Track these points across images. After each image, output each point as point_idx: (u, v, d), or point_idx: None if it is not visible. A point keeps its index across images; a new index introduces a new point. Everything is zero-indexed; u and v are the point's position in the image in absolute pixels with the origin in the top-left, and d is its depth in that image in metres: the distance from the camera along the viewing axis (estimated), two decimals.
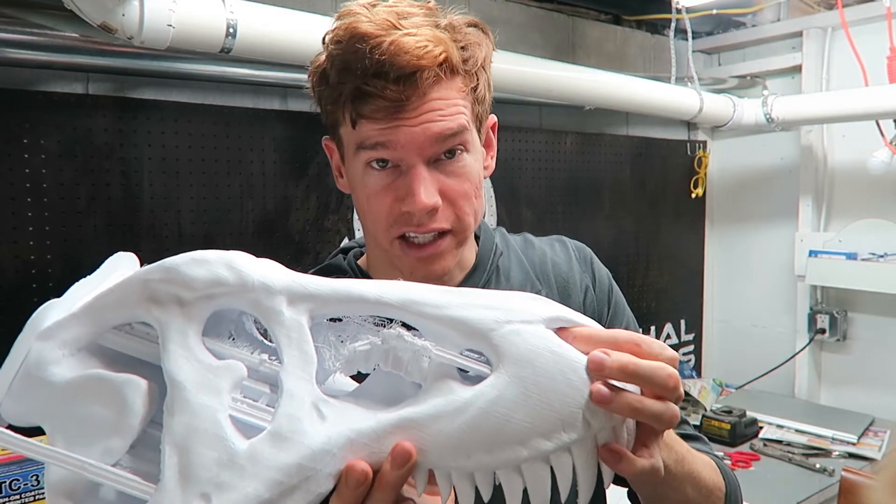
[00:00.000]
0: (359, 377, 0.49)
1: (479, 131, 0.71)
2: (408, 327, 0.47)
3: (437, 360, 0.45)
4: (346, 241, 1.69)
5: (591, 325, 0.48)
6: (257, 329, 0.48)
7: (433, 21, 0.65)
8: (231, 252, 0.45)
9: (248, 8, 1.21)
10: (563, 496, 0.45)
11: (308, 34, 1.28)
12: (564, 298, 0.81)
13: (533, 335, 0.45)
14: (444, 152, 0.66)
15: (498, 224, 1.94)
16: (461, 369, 0.46)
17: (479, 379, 0.45)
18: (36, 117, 1.25)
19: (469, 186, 0.68)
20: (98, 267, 0.48)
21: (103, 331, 0.45)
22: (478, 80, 0.68)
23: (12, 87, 1.25)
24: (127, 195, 1.35)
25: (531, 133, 2.04)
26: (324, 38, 0.67)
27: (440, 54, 0.62)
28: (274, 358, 0.45)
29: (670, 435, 0.62)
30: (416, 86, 0.62)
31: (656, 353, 0.47)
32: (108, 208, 1.33)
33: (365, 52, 0.61)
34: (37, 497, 1.16)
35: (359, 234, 1.70)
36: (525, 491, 0.45)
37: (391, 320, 0.47)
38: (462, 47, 0.66)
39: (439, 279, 0.70)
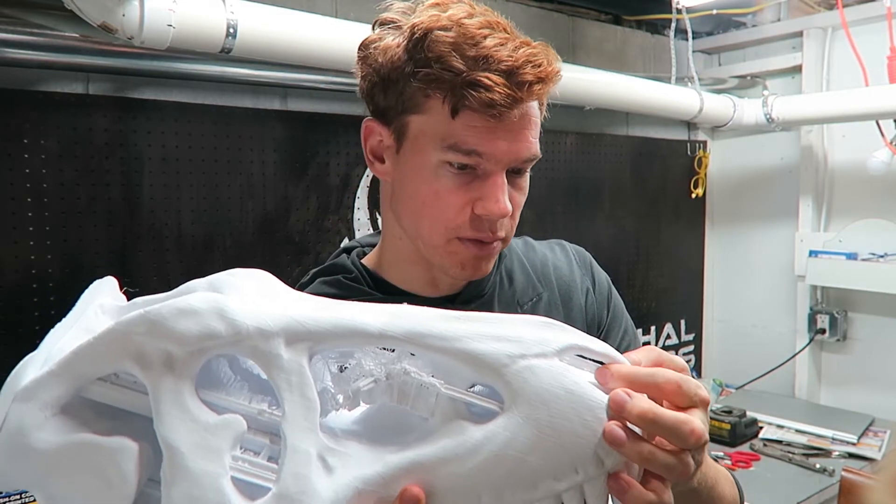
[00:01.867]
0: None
1: None
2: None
3: (446, 396, 0.44)
4: (346, 242, 1.69)
5: (625, 361, 0.47)
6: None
7: (542, 46, 0.66)
8: (219, 298, 0.42)
9: (249, 8, 1.21)
10: None
11: (308, 34, 1.28)
12: (566, 301, 0.82)
13: (547, 372, 0.43)
14: (518, 168, 0.69)
15: None
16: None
17: (489, 414, 0.44)
18: (36, 117, 1.25)
19: (523, 200, 0.72)
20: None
21: (86, 384, 0.41)
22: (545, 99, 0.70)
23: (12, 87, 1.25)
24: (127, 195, 1.35)
25: None
26: (374, 26, 0.68)
27: (557, 74, 0.65)
28: (274, 406, 0.43)
29: (704, 456, 0.61)
30: (530, 94, 0.63)
31: (692, 393, 0.45)
32: (108, 208, 1.33)
33: (489, 46, 0.62)
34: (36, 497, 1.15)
35: (359, 233, 1.69)
36: None
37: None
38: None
39: (479, 278, 0.73)
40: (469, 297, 0.77)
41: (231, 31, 1.18)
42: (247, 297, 0.43)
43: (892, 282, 2.05)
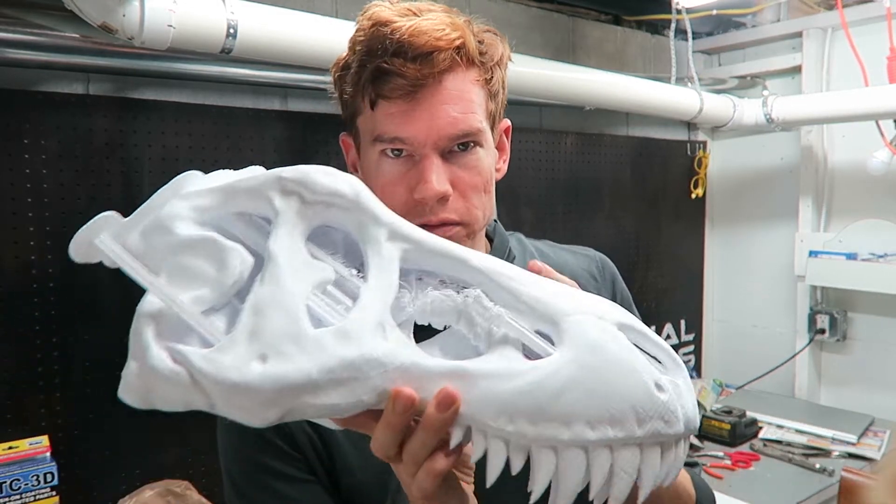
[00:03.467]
0: (425, 336, 0.51)
1: (492, 129, 0.72)
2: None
3: (506, 331, 0.47)
4: None
5: (681, 365, 0.49)
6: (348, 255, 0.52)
7: (452, 17, 0.67)
8: (357, 180, 0.50)
9: (249, 8, 1.21)
10: (593, 493, 0.44)
11: (308, 34, 1.28)
12: None
13: (602, 329, 0.46)
14: (459, 145, 0.67)
15: (497, 225, 1.94)
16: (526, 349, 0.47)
17: (538, 358, 0.46)
18: (36, 117, 1.25)
19: (479, 180, 0.69)
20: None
21: (229, 212, 0.49)
22: (493, 74, 0.69)
23: (12, 87, 1.25)
24: (127, 195, 1.35)
25: (531, 133, 2.04)
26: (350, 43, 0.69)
27: (457, 38, 0.64)
28: (362, 275, 0.48)
29: None
30: (432, 65, 0.63)
31: None
32: (108, 208, 1.32)
33: (386, 33, 0.63)
34: (37, 497, 1.16)
35: None
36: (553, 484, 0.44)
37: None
38: (479, 41, 0.68)
39: None
40: None
41: (231, 31, 1.18)
42: (370, 192, 0.51)
43: (892, 282, 2.05)
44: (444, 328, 0.50)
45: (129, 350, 0.45)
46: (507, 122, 0.78)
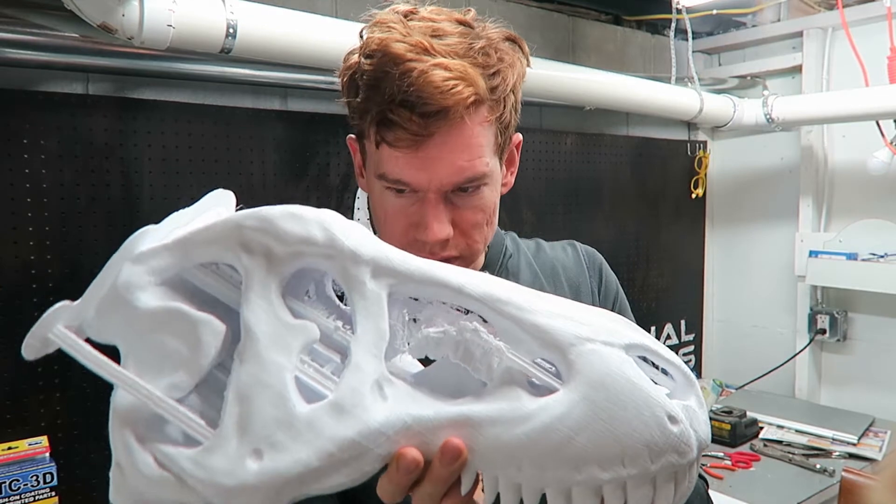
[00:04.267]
0: (425, 361, 0.48)
1: (500, 158, 0.70)
2: (484, 320, 0.46)
3: (508, 364, 0.44)
4: None
5: (692, 378, 0.47)
6: (335, 292, 0.48)
7: (468, 43, 0.63)
8: (326, 212, 0.45)
9: (249, 8, 1.21)
10: None
11: (308, 34, 1.28)
12: (575, 301, 0.81)
13: (612, 359, 0.43)
14: (461, 188, 0.66)
15: (497, 224, 1.94)
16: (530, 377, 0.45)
17: (546, 391, 0.44)
18: (36, 117, 1.25)
19: (482, 217, 0.69)
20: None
21: (191, 265, 0.45)
22: (504, 106, 0.67)
23: (12, 87, 1.25)
24: (127, 195, 1.35)
25: (531, 133, 2.04)
26: (360, 33, 0.67)
27: (469, 96, 0.61)
28: (348, 327, 0.45)
29: None
30: (440, 123, 0.61)
31: None
32: (108, 208, 1.33)
33: (394, 76, 0.60)
34: (37, 497, 1.15)
35: None
36: None
37: (468, 310, 0.46)
38: (494, 73, 0.64)
39: None
40: None
41: (231, 31, 1.18)
42: (346, 222, 0.46)
43: (892, 282, 2.05)
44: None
45: (112, 450, 0.43)
46: (518, 137, 0.76)
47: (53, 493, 1.17)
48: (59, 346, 0.44)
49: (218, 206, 0.50)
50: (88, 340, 0.44)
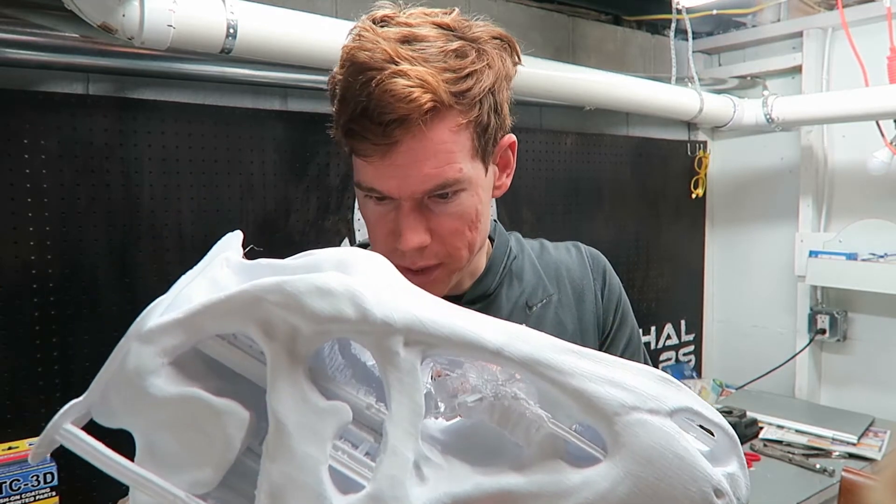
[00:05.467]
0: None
1: (484, 160, 0.69)
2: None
3: (549, 432, 0.43)
4: (359, 239, 1.69)
5: (734, 439, 0.46)
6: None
7: (440, 47, 0.62)
8: (355, 283, 0.42)
9: (249, 8, 1.21)
10: None
11: (308, 34, 1.28)
12: (578, 302, 0.82)
13: (659, 431, 0.42)
14: (437, 195, 0.66)
15: (500, 225, 1.94)
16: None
17: (587, 457, 0.43)
18: (36, 117, 1.25)
19: (461, 224, 0.68)
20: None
21: (205, 338, 0.42)
22: (480, 108, 0.65)
23: (12, 87, 1.25)
24: (127, 195, 1.35)
25: (531, 133, 2.04)
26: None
27: (426, 102, 0.60)
28: (380, 402, 0.43)
29: None
30: (401, 131, 0.61)
31: None
32: (108, 208, 1.33)
33: (356, 87, 0.60)
34: (37, 497, 1.15)
35: (359, 234, 1.69)
36: None
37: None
38: (466, 75, 0.63)
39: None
40: (474, 296, 0.78)
41: (231, 31, 1.18)
42: (375, 284, 0.43)
43: (892, 282, 2.05)
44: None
45: None
46: (511, 138, 0.75)
47: (53, 493, 1.17)
48: (66, 445, 0.40)
49: (225, 251, 0.47)
50: (98, 429, 0.41)
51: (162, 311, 0.41)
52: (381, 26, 0.63)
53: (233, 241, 0.48)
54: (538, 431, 0.43)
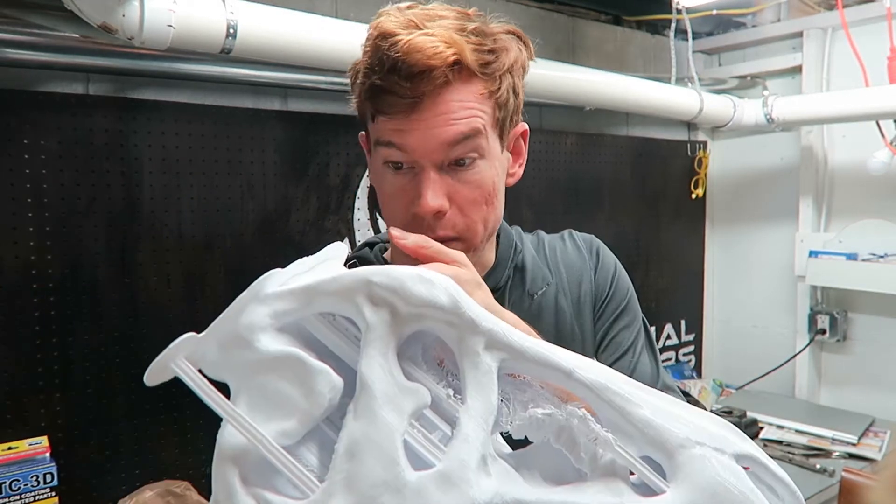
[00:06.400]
0: (513, 445, 0.48)
1: (501, 138, 0.71)
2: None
3: (613, 457, 0.43)
4: (368, 236, 1.69)
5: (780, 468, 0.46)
6: (435, 359, 0.48)
7: (461, 25, 0.66)
8: (452, 281, 0.46)
9: (249, 8, 1.21)
10: None
11: (308, 34, 1.28)
12: (575, 287, 0.83)
13: (723, 467, 0.42)
14: (458, 159, 0.67)
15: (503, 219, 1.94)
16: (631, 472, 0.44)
17: (647, 490, 0.43)
18: (36, 117, 1.25)
19: (480, 194, 0.69)
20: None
21: (311, 314, 0.45)
22: (500, 83, 0.68)
23: (12, 87, 1.25)
24: (127, 195, 1.35)
25: (531, 133, 2.03)
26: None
27: (451, 56, 0.63)
28: (458, 396, 0.45)
29: None
30: (427, 84, 0.63)
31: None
32: (108, 208, 1.33)
33: (384, 49, 0.63)
34: (37, 497, 1.15)
35: (359, 234, 1.69)
36: None
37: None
38: (488, 50, 0.66)
39: None
40: None
41: (231, 31, 1.18)
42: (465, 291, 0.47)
43: (892, 282, 2.04)
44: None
45: (213, 488, 0.42)
46: (523, 126, 0.77)
47: (53, 493, 1.17)
48: (180, 376, 0.43)
49: (336, 258, 0.50)
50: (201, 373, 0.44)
51: (278, 284, 0.45)
52: (408, 10, 0.66)
53: (340, 251, 0.52)
54: (604, 454, 0.43)
